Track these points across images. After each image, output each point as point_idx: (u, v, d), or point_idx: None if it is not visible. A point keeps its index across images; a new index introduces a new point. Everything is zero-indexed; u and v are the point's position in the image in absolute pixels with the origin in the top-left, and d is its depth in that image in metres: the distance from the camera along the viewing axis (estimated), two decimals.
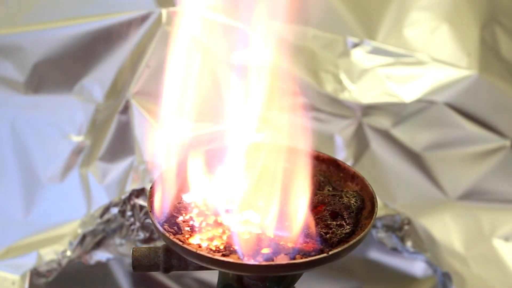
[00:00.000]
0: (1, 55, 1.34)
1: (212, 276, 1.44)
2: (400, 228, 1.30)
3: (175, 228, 0.88)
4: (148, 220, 1.26)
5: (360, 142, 1.38)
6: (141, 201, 1.26)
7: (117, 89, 1.34)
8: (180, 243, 0.84)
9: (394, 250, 1.32)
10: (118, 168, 1.31)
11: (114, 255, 1.29)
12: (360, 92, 1.36)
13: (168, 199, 0.93)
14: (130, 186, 1.28)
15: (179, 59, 1.19)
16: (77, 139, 1.35)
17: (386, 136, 1.38)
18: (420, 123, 1.37)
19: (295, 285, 0.92)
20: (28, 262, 1.27)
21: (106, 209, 1.27)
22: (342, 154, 1.37)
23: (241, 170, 0.98)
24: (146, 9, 1.33)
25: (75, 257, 1.27)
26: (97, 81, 1.34)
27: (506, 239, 1.36)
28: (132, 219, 1.26)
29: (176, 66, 1.11)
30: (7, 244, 1.31)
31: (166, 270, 0.89)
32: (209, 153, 0.99)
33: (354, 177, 0.95)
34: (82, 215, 1.30)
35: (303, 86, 1.35)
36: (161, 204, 0.92)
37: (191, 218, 0.90)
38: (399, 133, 1.37)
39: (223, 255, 0.83)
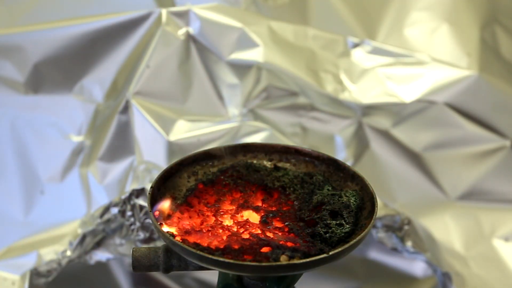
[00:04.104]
0: (1, 55, 1.34)
1: (212, 276, 1.44)
2: (400, 228, 1.31)
3: (176, 228, 0.88)
4: (148, 220, 1.26)
5: (360, 142, 1.38)
6: (141, 201, 1.26)
7: (117, 89, 1.34)
8: (180, 243, 0.84)
9: (394, 250, 1.32)
10: (118, 168, 1.32)
11: (114, 255, 1.29)
12: (360, 92, 1.36)
13: (169, 199, 0.93)
14: (130, 186, 1.28)
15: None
16: (77, 139, 1.35)
17: (386, 136, 1.38)
18: (420, 123, 1.37)
19: (295, 285, 0.92)
20: (28, 262, 1.27)
21: (106, 209, 1.27)
22: (342, 154, 1.37)
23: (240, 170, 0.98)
24: (146, 9, 1.33)
25: (75, 257, 1.27)
26: (97, 81, 1.34)
27: (506, 239, 1.36)
28: (132, 219, 1.27)
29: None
30: (7, 244, 1.31)
31: (166, 270, 0.89)
32: (209, 153, 0.99)
33: (354, 177, 0.95)
34: (82, 215, 1.30)
35: (303, 86, 1.35)
36: (161, 204, 0.92)
37: (191, 219, 0.90)
38: (399, 133, 1.37)
39: (223, 255, 0.83)
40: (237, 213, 0.92)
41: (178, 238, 0.85)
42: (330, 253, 0.84)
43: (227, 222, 0.90)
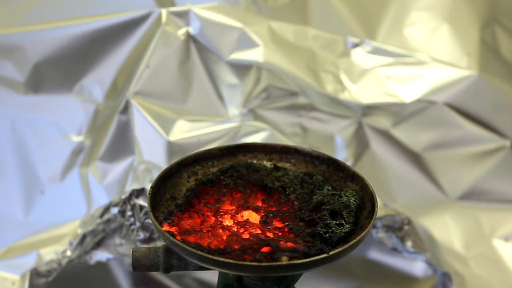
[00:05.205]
0: (1, 55, 1.34)
1: (212, 276, 1.44)
2: (400, 228, 1.31)
3: (176, 228, 0.88)
4: (148, 220, 1.26)
5: (360, 142, 1.38)
6: (141, 201, 1.26)
7: (117, 89, 1.34)
8: (180, 243, 0.84)
9: (394, 250, 1.32)
10: (118, 168, 1.32)
11: (114, 255, 1.29)
12: (360, 92, 1.36)
13: (168, 199, 0.93)
14: (130, 186, 1.28)
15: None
16: (77, 139, 1.35)
17: (386, 136, 1.38)
18: (420, 123, 1.37)
19: (295, 285, 0.92)
20: (28, 262, 1.27)
21: (106, 209, 1.27)
22: (342, 154, 1.37)
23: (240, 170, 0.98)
24: (146, 9, 1.33)
25: (75, 257, 1.27)
26: (97, 81, 1.34)
27: (506, 239, 1.36)
28: (132, 219, 1.27)
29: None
30: (7, 244, 1.31)
31: (166, 270, 0.89)
32: (209, 153, 0.99)
33: (354, 177, 0.95)
34: (82, 215, 1.30)
35: (303, 86, 1.35)
36: (161, 204, 0.92)
37: (191, 219, 0.90)
38: (399, 133, 1.37)
39: (223, 255, 0.83)
40: (237, 213, 0.92)
41: (178, 238, 0.85)
42: (330, 253, 0.84)
43: (227, 222, 0.90)
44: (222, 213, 0.92)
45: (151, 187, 0.91)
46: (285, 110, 1.36)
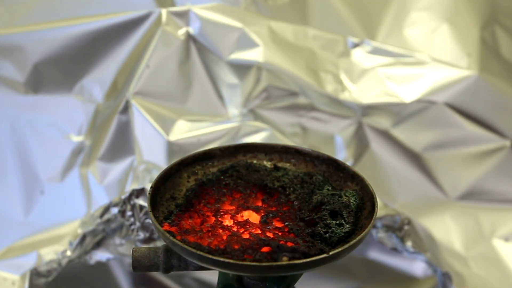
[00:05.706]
0: (1, 55, 1.34)
1: (212, 276, 1.44)
2: (400, 228, 1.31)
3: (176, 228, 0.88)
4: (148, 220, 1.26)
5: (360, 142, 1.38)
6: (141, 201, 1.26)
7: (117, 89, 1.34)
8: (180, 243, 0.84)
9: (394, 250, 1.32)
10: (118, 168, 1.32)
11: (114, 255, 1.29)
12: (360, 92, 1.36)
13: (168, 199, 0.93)
14: (130, 186, 1.28)
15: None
16: (77, 139, 1.35)
17: (386, 136, 1.38)
18: (420, 123, 1.37)
19: (295, 285, 0.92)
20: (28, 262, 1.27)
21: (106, 209, 1.27)
22: (342, 154, 1.37)
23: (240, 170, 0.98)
24: (146, 9, 1.33)
25: (75, 257, 1.27)
26: (97, 81, 1.34)
27: (506, 239, 1.36)
28: (132, 219, 1.27)
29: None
30: (7, 244, 1.31)
31: (166, 270, 0.89)
32: (209, 153, 0.99)
33: (354, 177, 0.95)
34: (82, 215, 1.30)
35: (303, 86, 1.35)
36: (161, 204, 0.92)
37: (191, 219, 0.90)
38: (399, 133, 1.37)
39: (223, 255, 0.83)
40: (237, 213, 0.92)
41: (178, 238, 0.85)
42: (330, 253, 0.84)
43: (227, 222, 0.90)
44: (222, 213, 0.92)
45: (151, 187, 0.91)
46: (285, 110, 1.36)
